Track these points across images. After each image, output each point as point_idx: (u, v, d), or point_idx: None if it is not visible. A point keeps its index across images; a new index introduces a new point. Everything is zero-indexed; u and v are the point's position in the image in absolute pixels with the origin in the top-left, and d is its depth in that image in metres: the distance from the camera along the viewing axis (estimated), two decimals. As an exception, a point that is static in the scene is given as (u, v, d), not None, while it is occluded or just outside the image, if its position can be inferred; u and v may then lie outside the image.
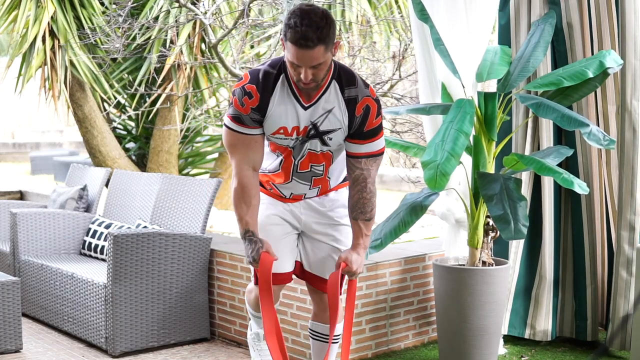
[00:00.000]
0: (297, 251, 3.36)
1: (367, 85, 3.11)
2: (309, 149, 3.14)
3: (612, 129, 4.45)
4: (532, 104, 4.04)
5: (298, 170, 3.20)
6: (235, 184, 3.14)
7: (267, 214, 3.30)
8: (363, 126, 3.09)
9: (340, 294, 3.25)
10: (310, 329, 3.43)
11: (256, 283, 3.33)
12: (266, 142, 3.21)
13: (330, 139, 3.11)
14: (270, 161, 3.25)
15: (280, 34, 2.90)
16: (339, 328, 3.38)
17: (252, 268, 3.32)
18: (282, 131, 3.10)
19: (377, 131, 3.12)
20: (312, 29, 2.86)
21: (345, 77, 3.08)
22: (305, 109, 3.07)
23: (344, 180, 3.35)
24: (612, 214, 4.53)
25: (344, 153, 3.23)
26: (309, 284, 3.37)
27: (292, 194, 3.29)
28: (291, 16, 2.91)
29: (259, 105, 3.05)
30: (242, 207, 3.12)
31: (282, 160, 3.19)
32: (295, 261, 3.36)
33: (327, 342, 3.41)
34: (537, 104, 4.01)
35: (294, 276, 3.37)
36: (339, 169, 3.28)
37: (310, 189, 3.27)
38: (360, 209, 3.17)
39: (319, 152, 3.15)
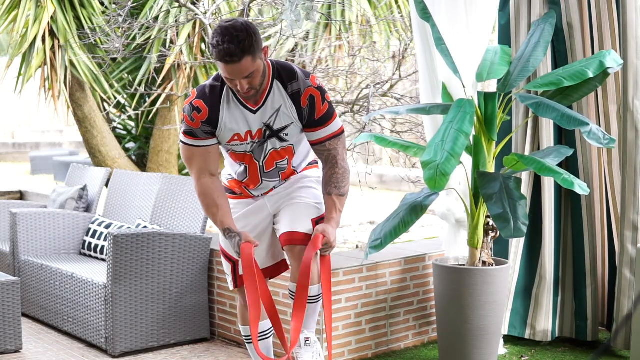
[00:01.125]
0: (275, 245, 3.50)
1: (307, 76, 3.27)
2: (271, 149, 3.32)
3: (613, 129, 4.45)
4: (532, 104, 4.03)
5: (265, 171, 3.38)
6: (198, 193, 3.33)
7: (237, 223, 3.43)
8: (313, 115, 3.26)
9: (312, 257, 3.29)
10: (289, 290, 3.44)
11: (235, 286, 3.53)
12: (227, 154, 3.38)
13: (287, 134, 3.29)
14: (236, 169, 3.43)
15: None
16: (314, 289, 3.38)
17: (229, 278, 3.54)
18: (236, 138, 3.28)
19: (329, 115, 3.29)
20: (234, 44, 3.02)
21: (285, 74, 3.24)
22: (254, 112, 3.25)
23: (309, 164, 3.53)
24: (614, 213, 4.53)
25: (304, 143, 3.40)
26: (282, 245, 3.42)
27: (263, 193, 3.48)
28: (214, 35, 3.06)
29: (208, 117, 3.23)
30: (212, 209, 3.31)
31: (246, 167, 3.37)
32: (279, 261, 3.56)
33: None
34: (537, 104, 4.01)
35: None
36: (301, 157, 3.46)
37: (280, 182, 3.47)
38: (334, 184, 3.32)
39: (279, 148, 3.32)
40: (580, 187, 3.78)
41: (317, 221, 3.37)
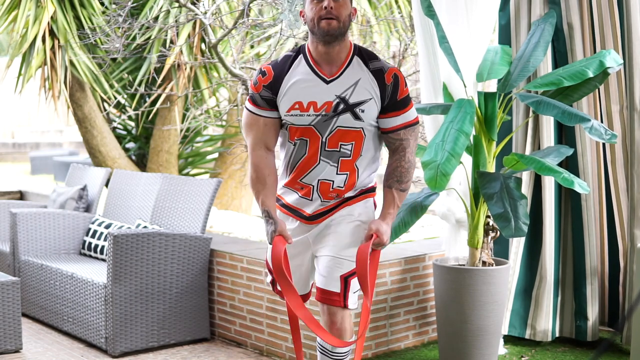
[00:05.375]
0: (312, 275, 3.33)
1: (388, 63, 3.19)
2: (338, 126, 3.10)
3: (616, 128, 4.44)
4: (532, 102, 4.04)
5: (326, 149, 3.13)
6: (250, 163, 3.20)
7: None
8: (396, 94, 3.14)
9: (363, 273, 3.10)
10: (318, 343, 3.32)
11: (272, 282, 3.33)
12: (286, 136, 3.18)
13: (363, 111, 3.10)
14: (291, 150, 3.19)
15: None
16: (344, 348, 3.24)
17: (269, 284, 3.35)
18: (297, 106, 3.11)
19: (408, 100, 3.18)
20: None
21: (366, 53, 3.16)
22: (328, 82, 3.10)
23: (366, 190, 3.27)
24: (618, 212, 4.52)
25: (372, 151, 3.18)
26: (316, 299, 3.27)
27: (319, 181, 3.17)
28: None
29: (271, 82, 3.13)
30: (257, 186, 3.17)
31: (306, 142, 3.14)
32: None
33: (330, 358, 3.28)
34: (537, 102, 4.01)
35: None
36: (368, 159, 3.20)
37: (337, 173, 3.16)
38: (396, 177, 3.19)
39: (351, 128, 3.11)
40: (580, 186, 3.78)
41: (346, 277, 3.18)
